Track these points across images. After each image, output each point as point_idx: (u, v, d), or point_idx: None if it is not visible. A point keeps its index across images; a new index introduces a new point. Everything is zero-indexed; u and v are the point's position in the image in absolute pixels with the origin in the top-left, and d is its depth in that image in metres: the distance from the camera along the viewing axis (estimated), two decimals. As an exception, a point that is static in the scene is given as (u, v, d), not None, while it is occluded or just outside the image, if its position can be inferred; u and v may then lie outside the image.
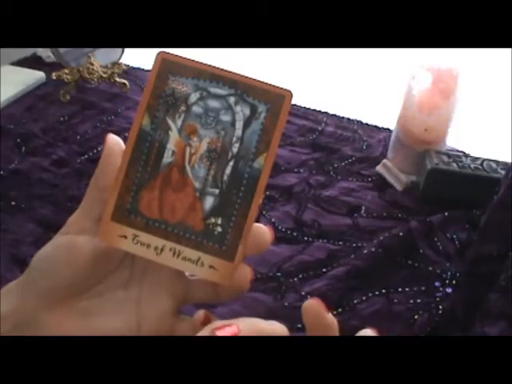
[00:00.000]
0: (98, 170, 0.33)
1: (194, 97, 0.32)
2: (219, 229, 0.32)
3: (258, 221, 0.32)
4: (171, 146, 0.32)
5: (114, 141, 0.33)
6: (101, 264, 0.32)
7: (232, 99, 0.32)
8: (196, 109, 0.32)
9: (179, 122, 0.32)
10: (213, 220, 0.32)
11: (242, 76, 0.32)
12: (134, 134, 0.32)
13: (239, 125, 0.32)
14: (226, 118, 0.32)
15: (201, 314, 0.32)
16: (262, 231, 0.32)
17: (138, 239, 0.32)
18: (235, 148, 0.32)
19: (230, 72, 0.32)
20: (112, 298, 0.32)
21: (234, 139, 0.32)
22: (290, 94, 0.32)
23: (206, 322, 0.32)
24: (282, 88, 0.32)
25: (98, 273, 0.33)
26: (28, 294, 0.31)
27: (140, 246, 0.32)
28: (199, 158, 0.32)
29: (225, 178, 0.32)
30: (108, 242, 0.32)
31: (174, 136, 0.32)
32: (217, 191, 0.32)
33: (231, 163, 0.32)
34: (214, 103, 0.32)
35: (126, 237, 0.32)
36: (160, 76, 0.32)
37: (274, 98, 0.32)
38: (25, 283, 0.31)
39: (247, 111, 0.32)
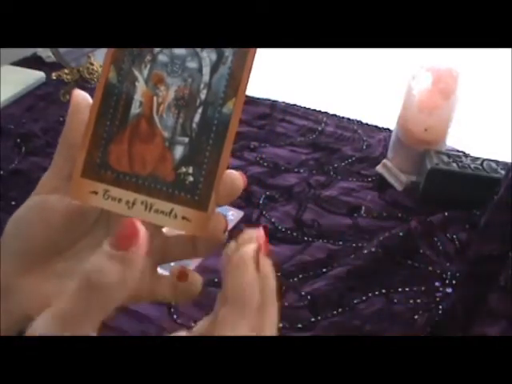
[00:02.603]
0: (66, 126, 0.32)
1: None
2: (191, 178, 0.31)
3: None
4: (138, 96, 0.31)
5: (80, 96, 0.32)
6: (75, 223, 0.32)
7: None
8: (162, 57, 0.31)
9: (145, 72, 0.31)
10: (184, 169, 0.31)
11: None
12: (100, 88, 0.31)
13: (206, 70, 0.31)
14: (192, 64, 0.31)
15: (177, 267, 0.32)
16: (234, 177, 0.31)
17: (109, 194, 0.31)
18: (203, 94, 0.31)
19: None
20: (89, 258, 0.31)
21: (202, 86, 0.31)
22: None
23: (182, 276, 0.32)
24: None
25: (73, 232, 0.32)
26: (3, 258, 0.30)
27: (111, 200, 0.31)
28: (167, 107, 0.31)
29: (194, 125, 0.31)
30: (79, 199, 0.31)
31: (140, 87, 0.31)
32: (186, 140, 0.31)
33: (200, 110, 0.31)
34: (179, 51, 0.31)
35: (96, 192, 0.31)
36: None
37: None
38: None
39: (214, 56, 0.31)
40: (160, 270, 0.35)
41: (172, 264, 0.35)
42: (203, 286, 0.35)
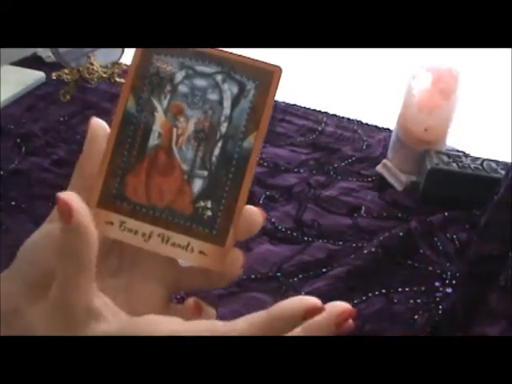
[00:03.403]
0: (82, 155, 0.32)
1: (179, 76, 0.31)
2: (209, 212, 0.30)
3: (249, 203, 0.30)
4: (157, 127, 0.31)
5: (98, 124, 0.32)
6: None
7: (219, 77, 0.31)
8: (182, 88, 0.31)
9: (165, 103, 0.31)
10: (202, 203, 0.30)
11: (229, 53, 0.31)
12: (118, 117, 0.31)
13: (227, 103, 0.31)
14: (213, 96, 0.31)
15: (191, 301, 0.32)
16: (254, 213, 0.31)
17: (125, 225, 0.31)
18: (223, 128, 0.31)
19: (215, 49, 0.31)
20: (100, 286, 0.31)
21: (223, 118, 0.31)
22: (278, 69, 0.31)
23: (196, 309, 0.32)
24: (270, 64, 0.31)
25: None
26: (14, 283, 0.30)
27: (127, 232, 0.31)
28: (186, 139, 0.31)
29: (213, 159, 0.30)
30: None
31: (159, 117, 0.31)
32: (205, 173, 0.31)
33: (220, 143, 0.30)
34: (200, 82, 0.31)
35: (112, 223, 0.31)
36: (144, 55, 0.31)
37: (263, 74, 0.31)
38: (11, 273, 0.31)
39: (235, 89, 0.31)
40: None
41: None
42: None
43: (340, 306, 0.28)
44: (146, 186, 0.31)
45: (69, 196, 0.27)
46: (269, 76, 0.31)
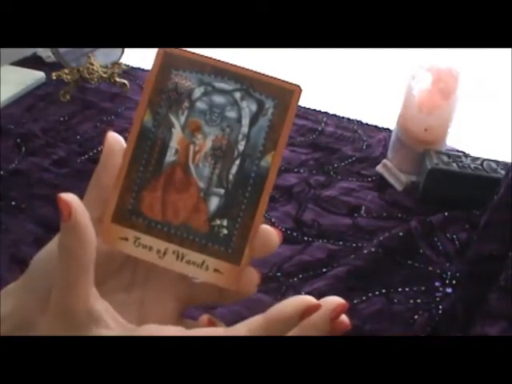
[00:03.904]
0: (98, 168, 0.32)
1: (197, 92, 0.31)
2: (225, 231, 0.30)
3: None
4: (174, 143, 0.31)
5: (114, 139, 0.32)
6: (101, 266, 0.31)
7: (238, 94, 0.30)
8: (200, 105, 0.31)
9: (182, 119, 0.31)
10: (218, 221, 0.30)
11: (249, 70, 0.31)
12: (135, 132, 0.31)
13: (245, 121, 0.30)
14: (231, 114, 0.30)
15: (204, 318, 0.32)
16: (270, 233, 0.31)
17: (140, 242, 0.30)
18: (241, 146, 0.30)
19: (235, 66, 0.31)
20: (113, 300, 0.31)
21: (240, 137, 0.30)
22: (298, 89, 0.30)
23: (210, 325, 0.31)
24: (290, 83, 0.31)
25: (98, 275, 0.31)
26: (27, 295, 0.30)
27: (142, 248, 0.30)
28: (203, 156, 0.31)
29: (230, 177, 0.30)
30: (109, 245, 0.31)
31: (177, 133, 0.31)
32: (222, 191, 0.30)
33: (237, 162, 0.30)
34: (218, 98, 0.31)
35: (127, 239, 0.31)
36: (162, 70, 0.31)
37: (282, 93, 0.30)
38: (24, 284, 0.31)
39: (254, 107, 0.30)
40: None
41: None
42: None
43: (332, 300, 0.28)
44: (161, 203, 0.31)
45: (69, 196, 0.28)
46: (288, 95, 0.30)
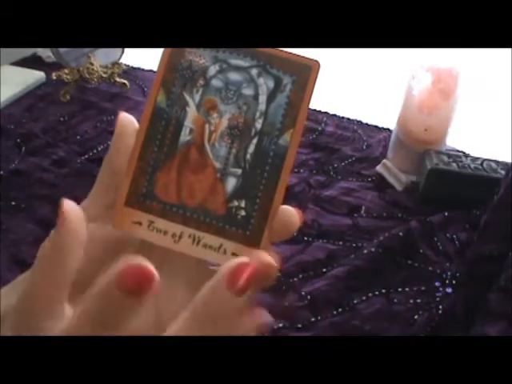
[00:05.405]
0: (110, 151, 0.30)
1: (212, 69, 0.30)
2: (243, 212, 0.29)
3: (284, 203, 0.29)
4: (189, 123, 0.29)
5: (126, 119, 0.30)
6: (113, 253, 0.29)
7: (254, 71, 0.29)
8: (215, 82, 0.29)
9: (197, 97, 0.29)
10: (236, 203, 0.29)
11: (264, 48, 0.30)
12: (148, 112, 0.29)
13: (263, 99, 0.29)
14: (248, 91, 0.29)
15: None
16: (290, 213, 0.29)
17: (154, 225, 0.29)
18: (259, 124, 0.29)
19: None
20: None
21: (258, 114, 0.29)
22: (317, 64, 0.29)
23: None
24: (308, 58, 0.29)
25: (111, 263, 0.31)
26: (42, 282, 0.28)
27: (156, 232, 0.29)
28: (220, 135, 0.29)
29: (248, 156, 0.29)
30: (122, 229, 0.29)
31: (191, 112, 0.29)
32: (239, 171, 0.29)
33: (255, 140, 0.29)
34: (234, 76, 0.29)
35: (140, 223, 0.29)
36: (175, 48, 0.30)
37: (300, 69, 0.29)
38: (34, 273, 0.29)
39: (271, 84, 0.29)
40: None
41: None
42: None
43: (231, 262, 0.26)
44: (176, 185, 0.29)
45: (69, 206, 0.26)
46: (307, 71, 0.29)
